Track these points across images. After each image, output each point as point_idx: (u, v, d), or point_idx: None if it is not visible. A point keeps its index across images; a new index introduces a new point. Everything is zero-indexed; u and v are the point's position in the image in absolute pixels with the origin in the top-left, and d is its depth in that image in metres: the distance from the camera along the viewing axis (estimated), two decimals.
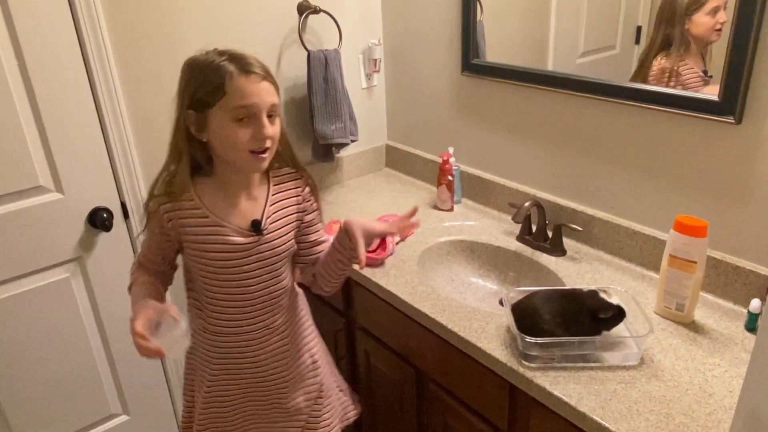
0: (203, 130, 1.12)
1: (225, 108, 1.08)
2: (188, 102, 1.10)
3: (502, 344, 1.26)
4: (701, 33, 1.31)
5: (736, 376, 1.14)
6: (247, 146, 1.11)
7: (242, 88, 1.08)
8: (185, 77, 1.12)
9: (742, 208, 1.31)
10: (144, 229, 1.26)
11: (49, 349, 1.69)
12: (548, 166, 1.70)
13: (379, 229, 1.25)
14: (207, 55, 1.12)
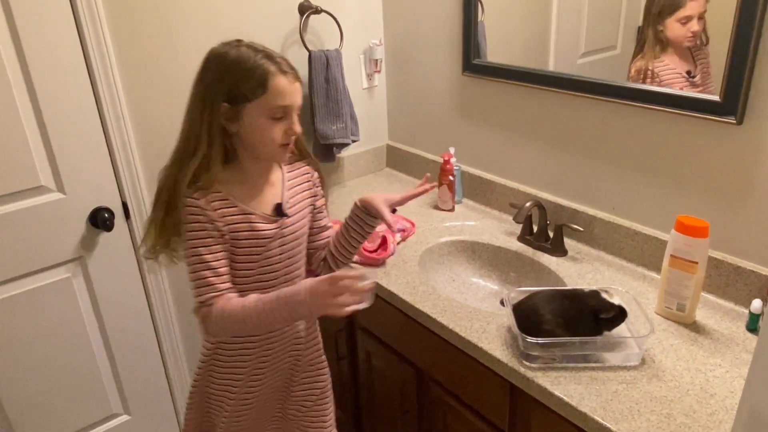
0: (233, 122, 1.14)
1: (263, 105, 1.12)
2: (224, 95, 1.11)
3: (503, 344, 1.26)
4: (673, 38, 1.34)
5: (738, 376, 1.14)
6: (279, 141, 1.16)
7: (281, 87, 1.12)
8: (219, 70, 1.12)
9: (744, 208, 1.31)
10: (192, 239, 1.16)
11: (50, 348, 1.69)
12: (549, 167, 1.70)
13: (398, 198, 1.35)
14: (239, 49, 1.13)
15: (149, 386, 1.93)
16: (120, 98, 1.61)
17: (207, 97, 1.12)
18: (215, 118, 1.12)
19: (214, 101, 1.12)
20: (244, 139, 1.17)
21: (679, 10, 1.31)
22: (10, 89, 1.45)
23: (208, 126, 1.12)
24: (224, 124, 1.14)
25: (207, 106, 1.12)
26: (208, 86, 1.13)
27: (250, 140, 1.17)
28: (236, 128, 1.15)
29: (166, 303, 1.88)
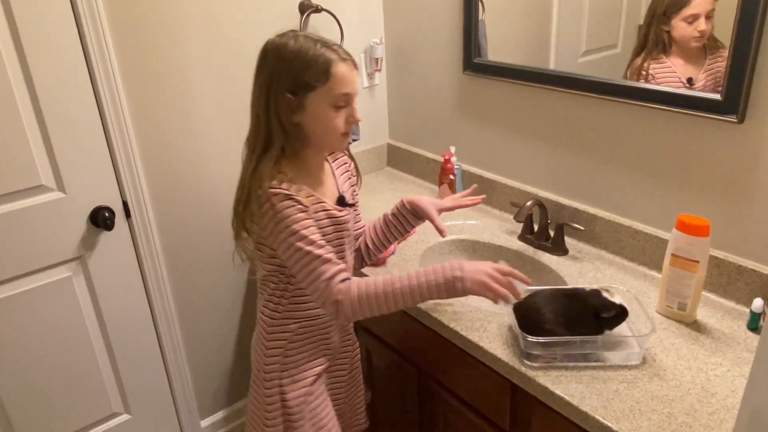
0: (296, 113, 1.14)
1: (327, 94, 1.13)
2: (287, 86, 1.11)
3: (503, 343, 1.26)
4: (679, 38, 1.32)
5: (739, 375, 1.14)
6: (341, 130, 1.17)
7: (343, 75, 1.13)
8: (280, 61, 1.12)
9: (745, 207, 1.30)
10: (296, 228, 1.12)
11: (50, 348, 1.69)
12: (550, 165, 1.70)
13: (448, 205, 1.39)
14: (297, 39, 1.12)
15: (150, 385, 1.93)
16: (120, 97, 1.61)
17: (270, 89, 1.12)
18: (281, 109, 1.12)
19: (278, 93, 1.11)
20: (307, 129, 1.16)
21: (685, 8, 1.29)
22: (10, 88, 1.45)
23: (277, 118, 1.12)
24: (286, 115, 1.13)
25: (271, 98, 1.12)
26: (270, 78, 1.12)
27: (313, 130, 1.16)
28: (299, 119, 1.15)
29: (166, 302, 1.88)
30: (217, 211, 1.92)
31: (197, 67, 1.74)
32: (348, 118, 1.17)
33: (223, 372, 2.12)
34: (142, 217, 1.75)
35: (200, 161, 1.83)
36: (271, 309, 1.28)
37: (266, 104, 1.13)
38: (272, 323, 1.28)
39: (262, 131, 1.15)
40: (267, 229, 1.13)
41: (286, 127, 1.13)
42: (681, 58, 1.33)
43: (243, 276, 2.05)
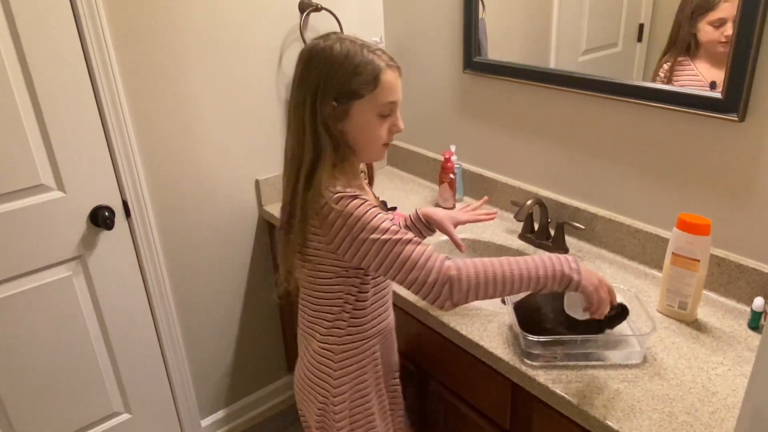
0: (340, 122, 1.09)
1: (374, 102, 1.08)
2: (334, 93, 1.06)
3: (504, 343, 1.26)
4: (706, 42, 1.28)
5: (740, 374, 1.14)
6: (384, 139, 1.13)
7: (391, 82, 1.08)
8: (326, 67, 1.06)
9: (746, 205, 1.30)
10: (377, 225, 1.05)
11: (50, 347, 1.69)
12: (550, 164, 1.70)
13: (464, 218, 1.38)
14: (342, 43, 1.07)
15: (150, 385, 1.93)
16: (120, 96, 1.61)
17: (317, 97, 1.06)
18: (327, 117, 1.07)
19: (324, 100, 1.06)
20: (349, 138, 1.11)
21: (711, 11, 1.24)
22: (10, 88, 1.45)
23: (324, 127, 1.07)
24: (331, 123, 1.08)
25: (318, 106, 1.06)
26: (316, 85, 1.06)
27: (356, 139, 1.11)
28: (342, 127, 1.09)
29: (166, 301, 1.88)
30: (217, 210, 1.92)
31: (197, 67, 1.74)
32: (391, 128, 1.13)
33: (224, 371, 2.12)
34: (142, 217, 1.74)
35: (200, 160, 1.83)
36: (337, 336, 1.22)
37: (312, 113, 1.07)
38: (342, 351, 1.22)
39: (309, 142, 1.07)
40: (338, 237, 1.06)
41: (334, 136, 1.08)
42: (707, 62, 1.28)
43: (243, 275, 2.05)
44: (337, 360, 1.23)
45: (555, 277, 1.04)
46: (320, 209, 1.06)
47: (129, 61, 1.61)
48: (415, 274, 1.03)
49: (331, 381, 1.24)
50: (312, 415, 1.30)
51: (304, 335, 1.29)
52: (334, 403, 1.25)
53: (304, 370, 1.29)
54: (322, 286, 1.18)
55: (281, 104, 1.95)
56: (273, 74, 1.90)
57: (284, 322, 2.19)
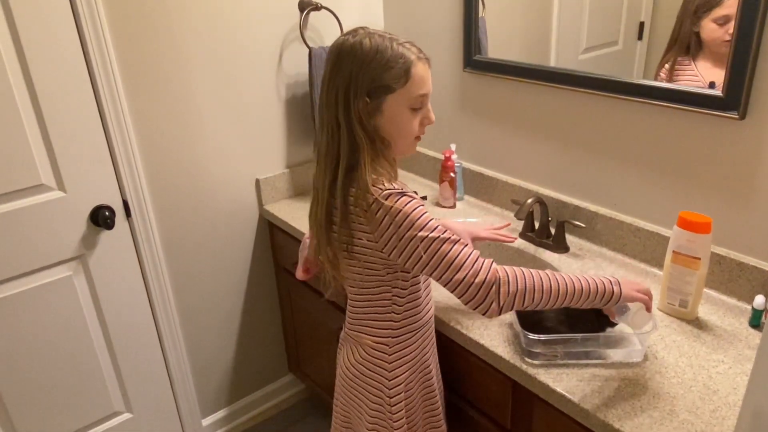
0: (372, 117, 1.08)
1: (406, 95, 1.07)
2: (366, 88, 1.05)
3: (505, 341, 1.26)
4: (709, 40, 1.26)
5: (741, 372, 1.14)
6: (415, 133, 1.13)
7: (422, 75, 1.08)
8: (357, 62, 1.05)
9: (746, 203, 1.30)
10: (428, 224, 1.05)
11: (51, 347, 1.69)
12: (551, 163, 1.70)
13: (483, 235, 1.35)
14: (372, 38, 1.06)
15: (151, 384, 1.93)
16: (120, 95, 1.61)
17: (349, 93, 1.05)
18: (361, 113, 1.06)
19: (357, 96, 1.05)
20: (383, 133, 1.10)
21: (717, 7, 1.22)
22: (10, 88, 1.45)
23: (359, 123, 1.06)
24: (365, 119, 1.07)
25: (351, 103, 1.05)
26: (348, 81, 1.05)
27: (389, 134, 1.10)
28: (375, 122, 1.08)
29: (167, 301, 1.88)
30: (217, 210, 1.92)
31: (197, 66, 1.74)
32: (423, 120, 1.12)
33: (225, 370, 2.12)
34: (142, 216, 1.75)
35: (201, 160, 1.83)
36: (392, 329, 1.20)
37: (346, 109, 1.06)
38: (396, 343, 1.21)
39: (345, 139, 1.07)
40: (385, 234, 1.05)
41: (369, 131, 1.07)
42: (709, 61, 1.26)
43: (244, 274, 2.06)
44: (391, 353, 1.21)
45: (598, 292, 1.07)
46: (368, 206, 1.05)
47: (129, 61, 1.61)
48: (461, 275, 1.03)
49: (386, 374, 1.22)
50: (364, 413, 1.27)
51: (353, 332, 1.26)
52: (389, 395, 1.23)
53: (355, 366, 1.25)
54: (372, 282, 1.16)
55: (281, 103, 1.95)
56: (273, 73, 1.90)
57: (285, 321, 2.19)
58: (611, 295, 1.09)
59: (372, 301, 1.19)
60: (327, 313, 1.86)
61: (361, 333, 1.24)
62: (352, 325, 1.27)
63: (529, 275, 1.06)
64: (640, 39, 1.43)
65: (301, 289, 1.96)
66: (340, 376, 1.33)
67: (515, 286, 1.03)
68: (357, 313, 1.24)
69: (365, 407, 1.27)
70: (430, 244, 1.03)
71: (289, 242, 1.92)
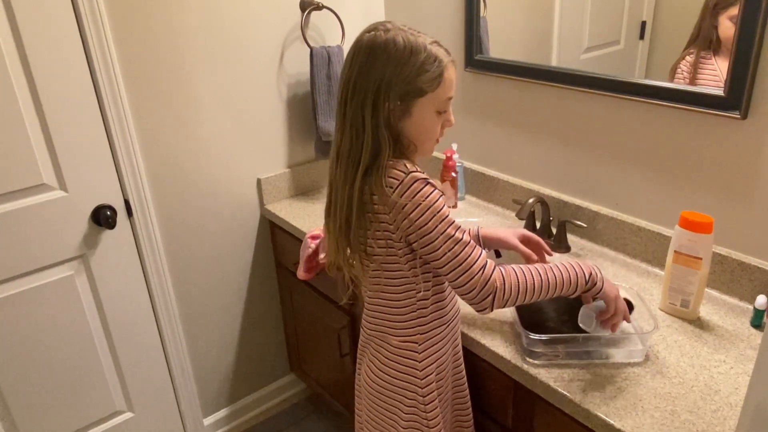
0: (402, 119, 1.05)
1: (435, 99, 1.05)
2: (400, 91, 1.02)
3: (506, 341, 1.26)
4: (724, 38, 1.24)
5: (742, 372, 1.13)
6: (437, 135, 1.12)
7: (452, 79, 1.06)
8: (391, 62, 1.01)
9: (748, 203, 1.30)
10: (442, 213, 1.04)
11: (53, 346, 1.70)
12: (552, 163, 1.70)
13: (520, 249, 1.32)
14: (406, 35, 1.02)
15: (152, 383, 1.94)
16: (122, 95, 1.61)
17: (379, 94, 1.01)
18: (390, 116, 1.03)
19: (388, 98, 1.01)
20: (407, 135, 1.07)
21: (733, 6, 1.20)
22: (11, 87, 1.45)
23: (386, 126, 1.03)
24: (393, 121, 1.04)
25: (381, 104, 1.02)
26: (380, 82, 1.01)
27: (414, 137, 1.08)
28: (402, 124, 1.05)
29: (168, 300, 1.88)
30: (218, 209, 1.92)
31: (199, 65, 1.74)
32: (444, 123, 1.10)
33: (226, 370, 2.12)
34: (144, 216, 1.75)
35: (202, 159, 1.83)
36: (420, 326, 1.17)
37: (374, 110, 1.02)
38: (425, 339, 1.17)
39: (369, 140, 1.03)
40: (407, 219, 1.03)
41: (395, 134, 1.05)
42: (726, 58, 1.25)
43: (245, 273, 2.06)
44: (421, 350, 1.17)
45: (585, 281, 1.10)
46: (391, 190, 1.03)
47: (130, 61, 1.62)
48: (467, 278, 1.04)
49: (418, 373, 1.18)
50: (398, 419, 1.22)
51: (377, 332, 1.22)
52: (423, 394, 1.18)
53: (383, 370, 1.21)
54: (395, 281, 1.14)
55: (283, 103, 1.95)
56: (274, 73, 1.90)
57: (286, 321, 2.19)
58: (593, 285, 1.11)
59: (396, 300, 1.16)
60: (328, 313, 1.86)
61: (387, 333, 1.19)
62: (375, 326, 1.22)
63: (522, 278, 1.07)
64: (641, 38, 1.43)
65: (302, 288, 1.96)
66: (364, 388, 1.27)
67: (508, 295, 1.06)
68: (379, 314, 1.20)
69: (399, 412, 1.21)
70: (447, 239, 1.03)
71: (291, 242, 1.92)
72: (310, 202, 2.01)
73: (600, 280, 1.12)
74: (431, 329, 1.18)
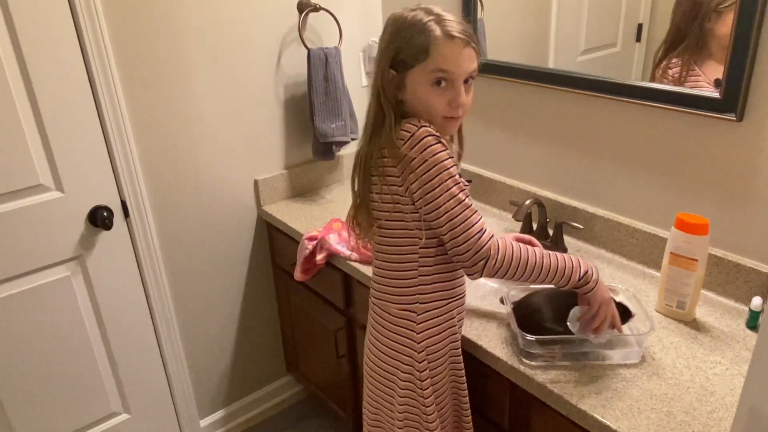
0: (400, 90, 1.10)
1: (424, 71, 1.07)
2: (390, 61, 1.08)
3: (503, 342, 1.26)
4: (716, 41, 1.24)
5: (738, 374, 1.14)
6: (442, 112, 1.11)
7: (444, 53, 1.06)
8: (389, 35, 1.09)
9: (744, 205, 1.30)
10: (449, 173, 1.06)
11: (49, 347, 1.69)
12: (549, 164, 1.70)
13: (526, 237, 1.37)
14: (414, 12, 1.08)
15: (149, 385, 1.93)
16: (118, 96, 1.61)
17: (381, 65, 1.10)
18: (386, 85, 1.09)
19: (385, 68, 1.09)
20: (411, 106, 1.11)
21: (726, 9, 1.21)
22: (8, 88, 1.45)
23: (384, 95, 1.09)
24: (392, 91, 1.10)
25: (382, 74, 1.09)
26: (382, 53, 1.10)
27: (416, 108, 1.11)
28: (401, 96, 1.11)
29: (165, 301, 1.88)
30: (215, 210, 1.92)
31: (196, 67, 1.74)
32: (451, 101, 1.09)
33: (223, 371, 2.12)
34: (140, 217, 1.74)
35: (199, 160, 1.83)
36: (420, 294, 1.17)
37: (379, 80, 1.10)
38: (424, 311, 1.18)
39: (373, 107, 1.12)
40: (414, 172, 1.05)
41: (392, 104, 1.10)
42: (713, 59, 1.26)
43: (242, 275, 2.05)
44: (419, 321, 1.18)
45: (579, 276, 1.12)
46: (401, 142, 1.06)
47: (127, 61, 1.61)
48: (464, 239, 1.07)
49: (415, 345, 1.19)
50: (396, 387, 1.23)
51: (378, 303, 1.24)
52: (420, 368, 1.20)
53: (380, 339, 1.23)
54: (398, 239, 1.15)
55: (280, 104, 1.95)
56: (272, 74, 1.90)
57: (283, 322, 2.19)
58: (585, 283, 1.13)
59: (399, 263, 1.17)
60: (325, 314, 1.86)
61: (388, 301, 1.21)
62: (378, 295, 1.23)
63: (518, 253, 1.09)
64: (638, 41, 1.43)
65: (299, 289, 1.96)
66: (367, 361, 1.29)
67: (500, 265, 1.08)
68: (383, 281, 1.21)
69: (396, 379, 1.23)
70: (450, 198, 1.06)
71: (288, 243, 1.92)
72: (307, 204, 2.01)
73: (594, 281, 1.13)
74: (431, 300, 1.18)
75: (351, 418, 1.95)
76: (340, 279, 1.71)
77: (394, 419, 1.26)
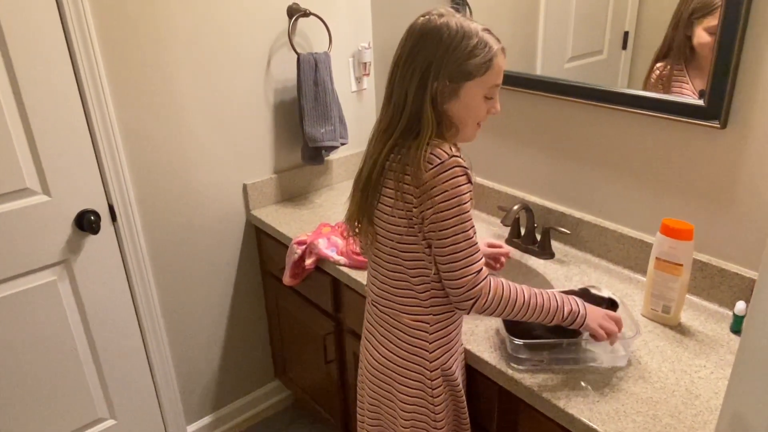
0: (449, 100, 1.08)
1: (484, 84, 1.08)
2: (449, 72, 1.05)
3: (491, 347, 1.27)
4: (699, 48, 1.26)
5: (722, 377, 1.15)
6: (481, 119, 1.14)
7: (501, 66, 1.09)
8: (443, 44, 1.05)
9: (728, 211, 1.32)
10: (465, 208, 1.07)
11: (35, 352, 1.67)
12: (537, 170, 1.71)
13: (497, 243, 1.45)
14: (460, 21, 1.06)
15: (135, 390, 1.92)
16: (107, 99, 1.60)
17: (428, 74, 1.05)
18: (436, 95, 1.06)
19: (437, 78, 1.05)
20: (452, 118, 1.10)
21: (710, 16, 1.21)
22: None
23: (432, 104, 1.06)
24: (439, 102, 1.07)
25: (429, 83, 1.05)
26: (429, 61, 1.05)
27: (459, 119, 1.11)
28: (448, 106, 1.09)
29: (152, 306, 1.86)
30: (204, 215, 1.91)
31: (185, 71, 1.73)
32: (490, 109, 1.13)
33: (210, 376, 2.11)
34: (128, 221, 1.73)
35: (187, 165, 1.82)
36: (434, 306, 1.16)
37: (421, 89, 1.06)
38: (437, 321, 1.17)
39: (407, 114, 1.07)
40: (432, 199, 1.04)
41: (438, 113, 1.08)
42: (698, 69, 1.27)
43: (230, 279, 2.05)
44: (432, 332, 1.18)
45: (563, 317, 1.13)
46: (429, 166, 1.04)
47: (116, 65, 1.61)
48: (460, 275, 1.08)
49: (427, 355, 1.19)
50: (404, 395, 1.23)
51: (388, 312, 1.21)
52: (431, 377, 1.19)
53: (391, 349, 1.22)
54: (409, 254, 1.14)
55: (269, 109, 1.95)
56: (261, 79, 1.90)
57: (272, 327, 2.19)
58: (574, 320, 1.14)
59: (413, 277, 1.15)
60: (314, 319, 1.86)
61: (399, 311, 1.19)
62: (387, 302, 1.21)
63: (508, 294, 1.10)
64: (624, 48, 1.45)
65: (288, 294, 1.95)
66: (369, 368, 1.28)
67: (490, 304, 1.10)
68: (391, 290, 1.19)
69: (406, 389, 1.22)
70: (459, 233, 1.06)
71: (277, 248, 1.92)
72: (297, 208, 2.01)
73: (581, 317, 1.14)
74: (443, 312, 1.18)
75: (339, 423, 1.95)
76: (329, 284, 1.71)
77: (398, 420, 1.26)
